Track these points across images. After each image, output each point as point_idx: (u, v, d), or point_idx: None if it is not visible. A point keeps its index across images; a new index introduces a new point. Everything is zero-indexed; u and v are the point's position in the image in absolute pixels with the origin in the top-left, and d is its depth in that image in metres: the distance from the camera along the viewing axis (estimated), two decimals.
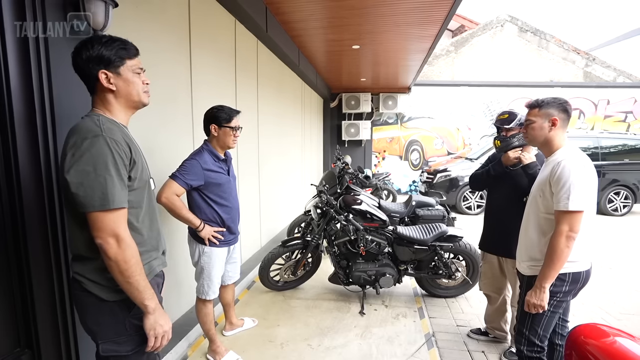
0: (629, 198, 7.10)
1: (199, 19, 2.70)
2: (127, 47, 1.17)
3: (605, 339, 1.39)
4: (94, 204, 1.03)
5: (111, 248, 1.05)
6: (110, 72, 1.13)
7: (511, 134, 2.27)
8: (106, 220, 1.05)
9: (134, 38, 1.97)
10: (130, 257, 1.08)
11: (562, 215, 1.53)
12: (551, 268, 1.55)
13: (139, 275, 1.09)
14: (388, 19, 3.97)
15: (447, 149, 9.47)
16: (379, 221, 3.10)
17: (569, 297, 1.66)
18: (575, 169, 1.52)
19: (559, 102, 1.66)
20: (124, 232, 1.08)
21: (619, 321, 2.92)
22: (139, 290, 1.10)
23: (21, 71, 1.36)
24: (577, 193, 1.50)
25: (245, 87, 3.68)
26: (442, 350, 2.47)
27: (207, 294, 2.16)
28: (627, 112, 9.25)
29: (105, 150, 1.05)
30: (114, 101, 1.17)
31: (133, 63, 1.18)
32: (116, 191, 1.05)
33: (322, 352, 2.41)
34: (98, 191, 1.03)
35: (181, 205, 1.97)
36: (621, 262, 4.36)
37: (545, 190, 1.61)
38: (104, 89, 1.14)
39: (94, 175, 1.03)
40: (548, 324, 1.66)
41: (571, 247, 1.53)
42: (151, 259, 1.24)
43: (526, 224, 1.75)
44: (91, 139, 1.05)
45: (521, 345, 1.72)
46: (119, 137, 1.10)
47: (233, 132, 2.10)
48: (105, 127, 1.08)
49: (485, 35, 9.73)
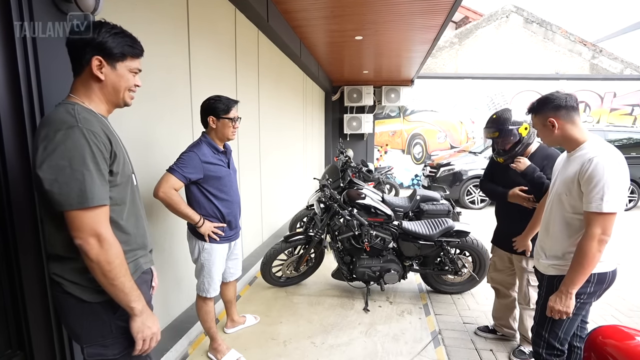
0: (635, 192, 7.01)
1: (197, 7, 2.60)
2: (134, 45, 1.12)
3: (626, 341, 1.32)
4: (71, 202, 0.95)
5: (92, 249, 0.98)
6: (106, 61, 1.06)
7: (509, 146, 2.15)
8: (86, 219, 0.97)
9: (130, 27, 1.88)
10: (114, 258, 1.00)
11: (594, 217, 1.40)
12: (580, 273, 1.43)
13: (124, 277, 1.03)
14: (392, 8, 3.85)
15: (450, 143, 9.36)
16: (384, 216, 3.03)
17: (593, 299, 1.56)
18: (609, 166, 1.39)
19: (550, 101, 1.55)
20: (106, 231, 1.00)
21: (629, 318, 2.85)
22: (125, 293, 1.03)
23: (7, 66, 1.28)
24: (612, 193, 1.37)
25: (246, 79, 3.59)
26: (449, 349, 2.41)
27: (208, 291, 2.09)
28: (634, 105, 9.11)
29: (81, 143, 0.96)
30: (97, 91, 1.09)
31: (133, 64, 1.13)
32: (96, 187, 0.97)
33: (326, 350, 2.36)
34: (75, 188, 0.95)
35: (179, 200, 1.89)
36: (629, 258, 4.28)
37: (573, 189, 1.48)
38: (92, 75, 1.06)
39: (69, 171, 0.94)
40: (570, 327, 1.57)
41: (602, 251, 1.42)
42: (137, 257, 1.17)
43: (548, 221, 1.63)
44: (65, 130, 0.96)
45: (540, 348, 1.63)
46: (97, 128, 1.01)
47: (232, 123, 2.01)
48: (81, 117, 0.99)
49: (490, 26, 9.56)
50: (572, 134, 1.55)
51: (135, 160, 1.99)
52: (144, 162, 2.09)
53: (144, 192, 2.05)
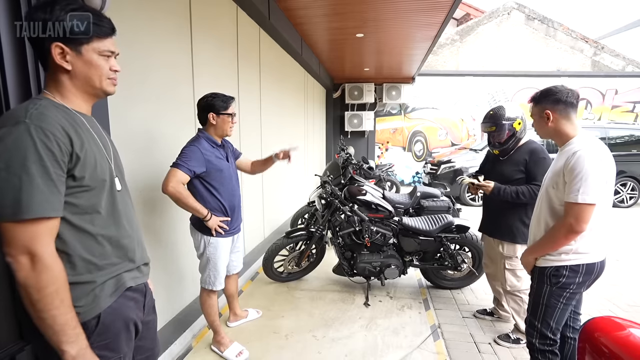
0: (636, 189, 7.02)
1: (200, 5, 2.62)
2: (100, 23, 0.93)
3: (619, 332, 1.35)
4: (3, 212, 0.80)
5: (22, 270, 0.81)
6: (68, 47, 0.89)
7: (504, 140, 2.34)
8: (18, 233, 0.81)
9: (134, 25, 1.94)
10: (46, 284, 0.82)
11: (570, 206, 1.47)
12: (541, 248, 1.61)
13: (56, 310, 0.83)
14: (392, 5, 3.87)
15: (451, 140, 9.38)
16: (384, 212, 3.06)
17: (582, 289, 1.61)
18: (590, 160, 1.44)
19: (552, 94, 1.59)
20: (42, 250, 0.82)
21: (626, 313, 2.89)
22: (54, 330, 0.84)
23: (18, 69, 1.30)
24: (589, 185, 1.42)
25: (247, 77, 3.62)
26: (448, 342, 2.44)
27: (214, 284, 2.13)
28: (636, 102, 9.10)
29: (24, 142, 0.80)
30: (68, 83, 0.94)
31: (103, 44, 0.94)
32: (36, 196, 0.81)
33: (327, 344, 2.40)
34: (9, 195, 0.79)
35: (188, 194, 1.93)
36: (628, 254, 4.31)
37: (559, 182, 1.54)
38: (57, 66, 0.91)
39: (4, 175, 0.79)
40: (561, 317, 1.62)
41: (570, 241, 1.51)
42: (120, 272, 1.01)
43: (538, 215, 1.69)
44: (9, 127, 0.81)
45: (533, 338, 1.68)
46: (53, 124, 0.84)
47: (231, 118, 2.07)
48: (35, 113, 0.84)
49: (491, 23, 9.54)
50: (564, 129, 1.59)
51: (138, 157, 2.04)
52: (146, 159, 2.12)
53: (146, 190, 2.10)
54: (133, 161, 1.98)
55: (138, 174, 2.04)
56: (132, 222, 1.08)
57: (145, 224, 2.11)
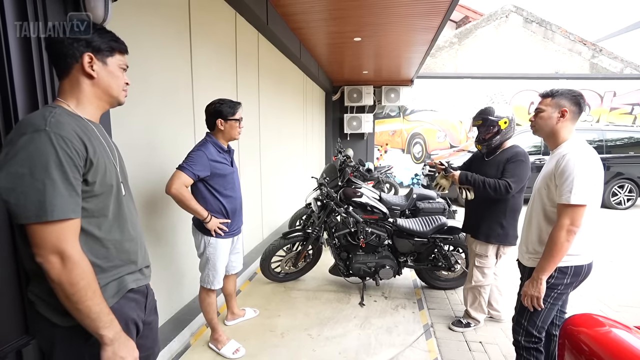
0: (633, 191, 7.05)
1: (199, 11, 2.70)
2: (119, 41, 1.09)
3: (598, 328, 1.39)
4: (28, 214, 0.86)
5: (53, 268, 0.88)
6: (97, 58, 1.02)
7: (489, 136, 2.42)
8: (46, 235, 0.87)
9: (134, 31, 2.01)
10: (78, 279, 0.90)
11: (564, 208, 1.52)
12: (550, 261, 1.55)
13: (90, 300, 0.92)
14: (389, 10, 3.94)
15: (450, 142, 9.43)
16: (379, 213, 3.12)
17: (569, 290, 1.67)
18: (579, 162, 1.50)
19: (573, 94, 1.63)
20: (70, 249, 0.90)
21: (617, 313, 2.94)
22: (91, 318, 0.92)
23: (24, 70, 1.36)
24: (580, 187, 1.47)
25: (246, 80, 3.69)
26: (440, 341, 2.50)
27: (213, 283, 2.20)
28: (634, 104, 9.13)
29: (46, 149, 0.86)
30: (88, 89, 1.03)
31: (122, 59, 1.09)
32: (58, 199, 0.87)
33: (322, 342, 2.46)
34: (34, 199, 0.85)
35: (190, 196, 2.00)
36: (622, 256, 4.35)
37: (550, 184, 1.59)
38: (82, 73, 1.00)
39: (29, 179, 0.85)
40: (547, 316, 1.67)
41: (571, 242, 1.52)
42: (122, 274, 1.07)
43: (529, 217, 1.74)
44: (30, 134, 0.87)
45: (519, 335, 1.74)
46: (70, 132, 0.91)
47: (238, 124, 2.14)
48: (53, 121, 0.90)
49: (490, 26, 9.60)
50: (565, 130, 1.64)
51: (139, 161, 2.11)
52: (147, 162, 2.19)
53: (147, 192, 2.16)
54: (133, 164, 2.04)
55: (138, 176, 2.10)
56: (135, 225, 1.14)
57: (145, 225, 2.18)
